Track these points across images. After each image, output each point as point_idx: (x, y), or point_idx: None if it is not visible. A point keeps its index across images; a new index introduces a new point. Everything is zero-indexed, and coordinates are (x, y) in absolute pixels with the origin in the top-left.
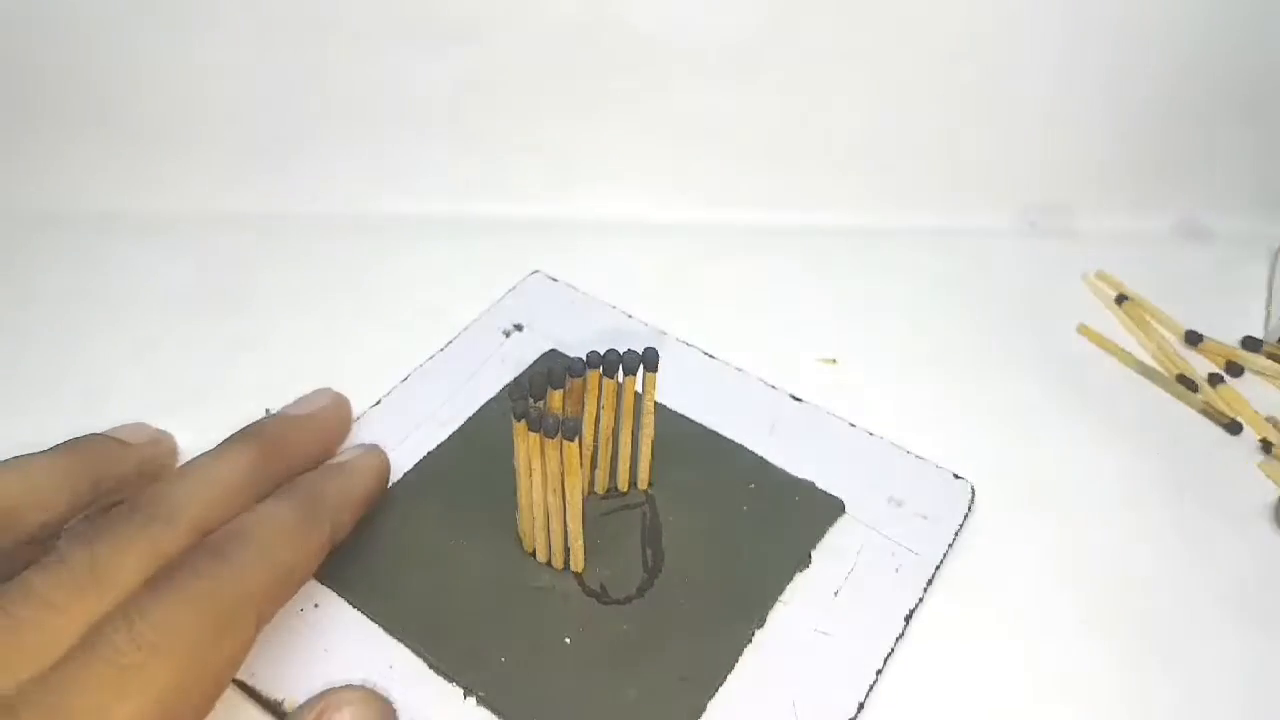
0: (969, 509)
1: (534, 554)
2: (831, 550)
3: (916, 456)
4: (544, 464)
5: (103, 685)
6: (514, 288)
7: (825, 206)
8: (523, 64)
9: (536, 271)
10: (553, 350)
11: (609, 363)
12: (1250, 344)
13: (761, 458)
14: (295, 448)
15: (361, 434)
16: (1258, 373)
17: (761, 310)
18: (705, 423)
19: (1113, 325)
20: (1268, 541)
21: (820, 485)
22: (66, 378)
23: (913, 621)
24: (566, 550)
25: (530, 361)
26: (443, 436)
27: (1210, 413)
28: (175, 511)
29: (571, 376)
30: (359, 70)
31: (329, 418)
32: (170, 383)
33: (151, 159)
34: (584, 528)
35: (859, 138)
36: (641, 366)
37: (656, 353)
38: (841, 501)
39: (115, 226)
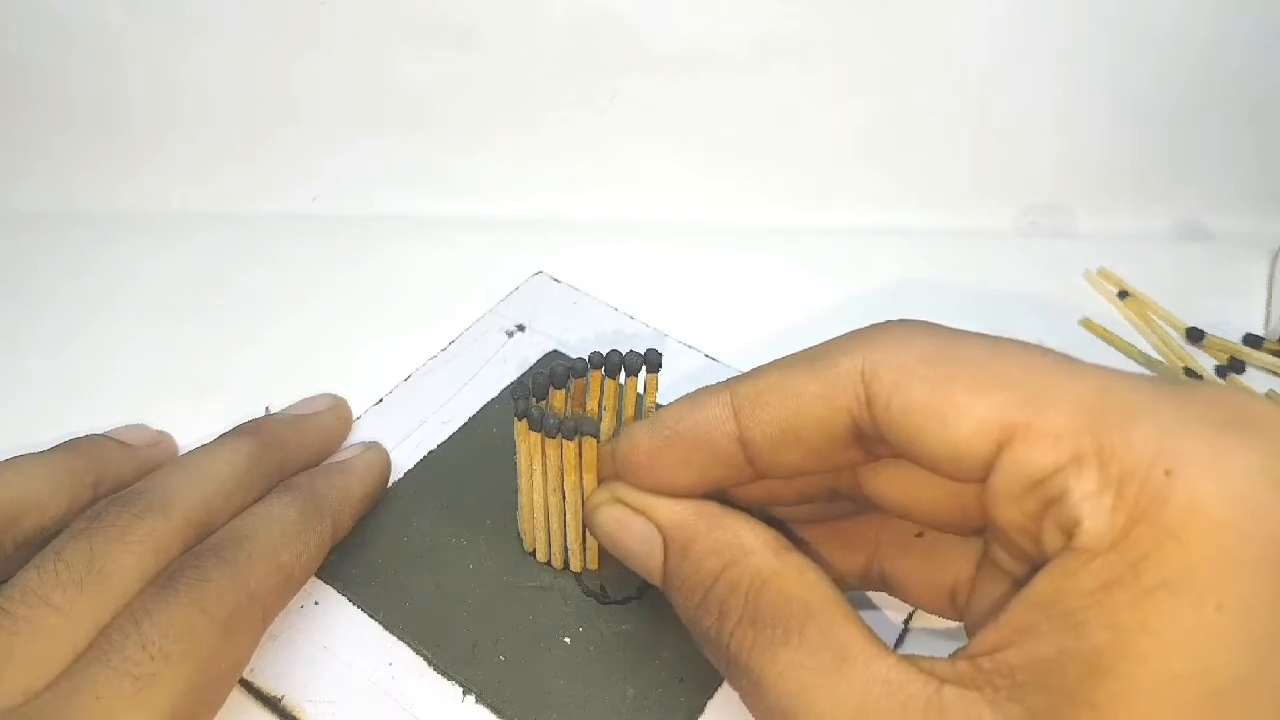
0: None
1: (534, 553)
2: None
3: None
4: (545, 464)
5: (117, 697)
6: (517, 288)
7: (825, 206)
8: (523, 64)
9: (539, 273)
10: (555, 351)
11: (611, 363)
12: (1251, 341)
13: None
14: (293, 445)
15: (363, 432)
16: (1260, 369)
17: (762, 311)
18: None
19: (1116, 321)
20: None
21: None
22: (62, 377)
23: (912, 623)
24: (566, 550)
25: (532, 362)
26: (444, 436)
27: None
28: (171, 503)
29: (573, 377)
30: (363, 70)
31: (328, 419)
32: (170, 383)
33: (150, 159)
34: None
35: (859, 138)
36: (644, 367)
37: (659, 354)
38: None
39: (114, 226)
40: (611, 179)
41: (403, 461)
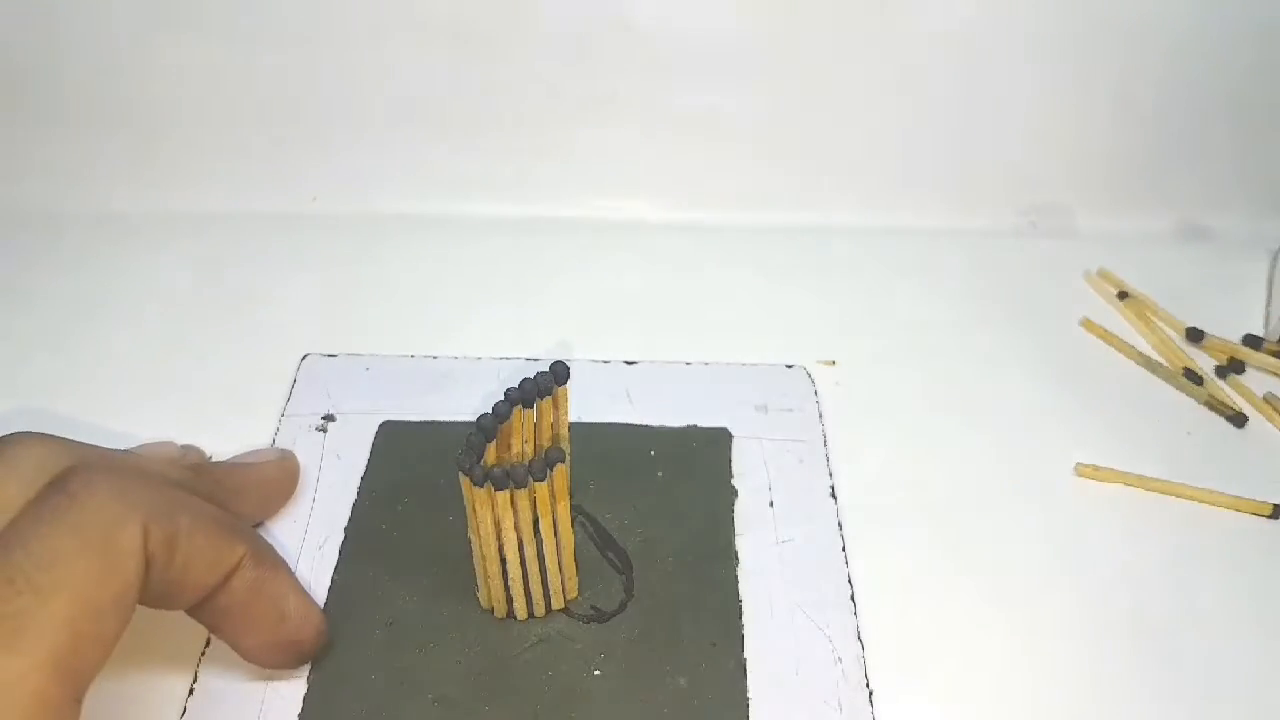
0: (814, 389)
1: (511, 615)
2: (745, 473)
3: (752, 365)
4: (516, 517)
5: None
6: (295, 381)
7: (825, 206)
8: (523, 64)
9: (307, 355)
10: (386, 422)
11: (525, 391)
12: (1251, 341)
13: (641, 425)
14: (228, 491)
15: None
16: (1260, 369)
17: (764, 311)
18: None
19: (1116, 321)
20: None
21: (701, 425)
22: (61, 376)
23: (839, 497)
24: (547, 593)
25: (370, 443)
26: (334, 557)
27: (1214, 405)
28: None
29: (499, 422)
30: (363, 70)
31: (271, 471)
32: (169, 382)
33: (150, 159)
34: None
35: (860, 139)
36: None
37: (565, 365)
38: (726, 429)
39: (114, 226)
40: (612, 178)
41: (316, 598)
